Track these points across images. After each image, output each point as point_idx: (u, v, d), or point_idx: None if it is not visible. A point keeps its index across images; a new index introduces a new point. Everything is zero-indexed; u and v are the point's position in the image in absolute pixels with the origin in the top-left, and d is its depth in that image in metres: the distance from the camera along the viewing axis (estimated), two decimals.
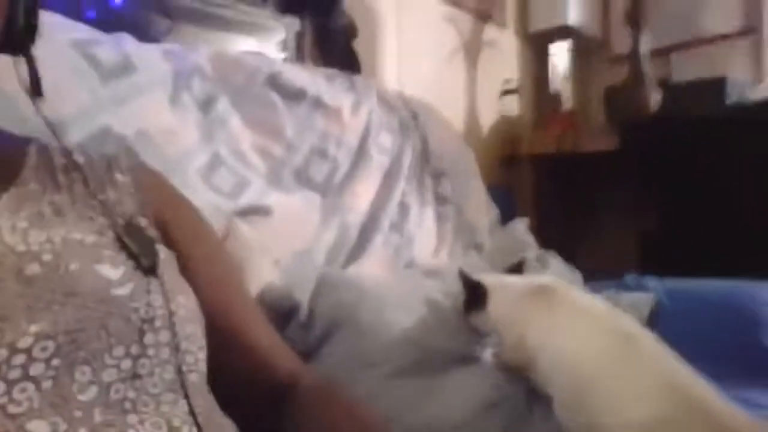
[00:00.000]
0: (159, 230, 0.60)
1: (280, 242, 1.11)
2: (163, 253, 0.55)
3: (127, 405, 0.44)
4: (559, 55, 2.56)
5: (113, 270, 0.47)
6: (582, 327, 0.87)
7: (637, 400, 0.72)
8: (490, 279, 1.06)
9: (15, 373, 0.39)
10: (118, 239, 0.52)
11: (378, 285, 1.11)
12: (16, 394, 0.39)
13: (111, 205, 0.56)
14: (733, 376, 1.03)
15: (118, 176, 0.60)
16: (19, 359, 0.40)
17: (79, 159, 0.59)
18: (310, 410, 0.58)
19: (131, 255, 0.50)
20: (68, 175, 0.56)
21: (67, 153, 0.59)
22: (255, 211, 1.07)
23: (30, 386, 0.40)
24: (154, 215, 0.60)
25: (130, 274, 0.48)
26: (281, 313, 0.98)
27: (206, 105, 1.13)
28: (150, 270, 0.50)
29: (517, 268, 1.16)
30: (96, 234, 0.51)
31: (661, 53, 2.53)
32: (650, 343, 0.81)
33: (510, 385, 0.93)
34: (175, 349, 0.48)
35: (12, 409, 0.39)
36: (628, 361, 0.78)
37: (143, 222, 0.57)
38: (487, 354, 1.03)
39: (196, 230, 0.67)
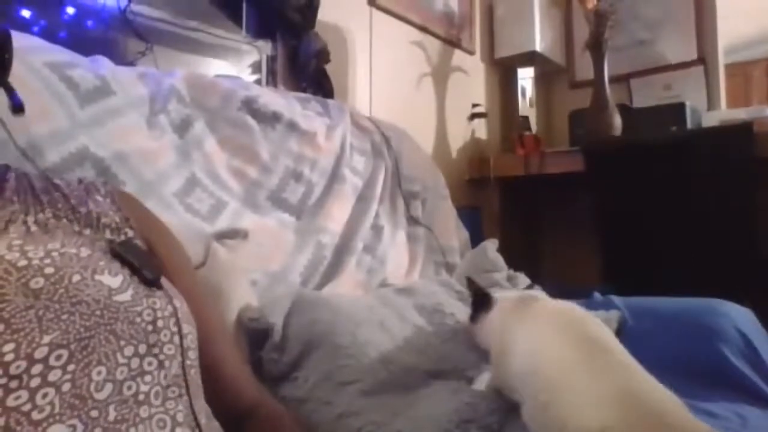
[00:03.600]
0: (144, 243, 0.62)
1: (257, 263, 1.12)
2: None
3: (141, 397, 0.47)
4: (525, 80, 2.64)
5: (113, 279, 0.50)
6: (551, 331, 0.88)
7: (599, 406, 0.72)
8: (498, 292, 1.09)
9: (35, 382, 0.42)
10: (117, 255, 0.54)
11: (351, 304, 1.12)
12: (38, 400, 0.41)
13: (95, 217, 0.58)
14: (696, 389, 1.07)
15: (98, 197, 0.62)
16: (37, 368, 0.42)
17: (58, 181, 0.62)
18: None
19: (133, 269, 0.54)
20: (49, 195, 0.58)
21: (45, 176, 0.61)
22: (232, 234, 1.07)
23: (51, 391, 0.42)
24: (139, 230, 0.62)
25: (129, 281, 0.51)
26: (257, 334, 0.99)
27: (182, 127, 1.14)
28: (153, 282, 0.54)
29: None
30: (87, 247, 0.53)
31: (621, 79, 2.64)
32: (616, 350, 0.82)
33: (484, 403, 0.94)
34: (180, 345, 0.52)
35: (35, 415, 0.41)
36: (592, 367, 0.79)
37: (130, 233, 0.60)
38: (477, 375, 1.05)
39: (174, 255, 0.70)
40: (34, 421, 0.41)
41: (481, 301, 1.07)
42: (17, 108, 0.64)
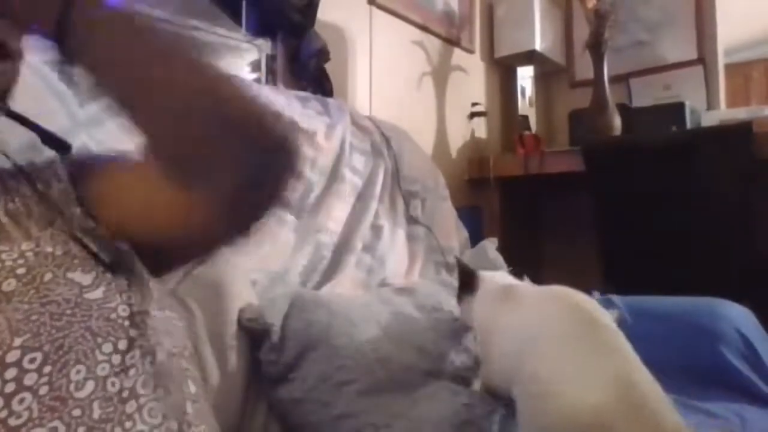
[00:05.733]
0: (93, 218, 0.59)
1: (256, 263, 1.12)
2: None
3: (125, 394, 0.45)
4: (525, 79, 2.64)
5: (85, 276, 0.49)
6: (545, 309, 0.88)
7: (596, 383, 0.73)
8: (483, 272, 1.09)
9: (10, 387, 0.40)
10: (77, 240, 0.53)
11: (349, 304, 1.12)
12: (15, 406, 0.40)
13: (63, 200, 0.56)
14: (696, 389, 1.07)
15: (60, 173, 0.59)
16: (11, 373, 0.41)
17: (22, 162, 0.59)
18: None
19: (91, 254, 0.52)
20: (17, 180, 0.56)
21: (12, 162, 0.58)
22: None
23: (27, 396, 0.40)
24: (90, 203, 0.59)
25: (101, 277, 0.50)
26: (255, 335, 0.99)
27: None
28: (112, 266, 0.52)
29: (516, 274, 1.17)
30: (62, 245, 0.51)
31: (620, 79, 2.64)
32: (611, 330, 0.83)
33: (482, 405, 0.95)
34: (164, 332, 0.51)
35: (12, 421, 0.39)
36: (589, 344, 0.79)
37: (78, 210, 0.56)
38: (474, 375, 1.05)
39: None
40: (11, 427, 0.39)
41: (466, 281, 1.07)
42: (58, 146, 0.62)
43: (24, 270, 0.46)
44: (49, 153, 0.84)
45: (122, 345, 0.47)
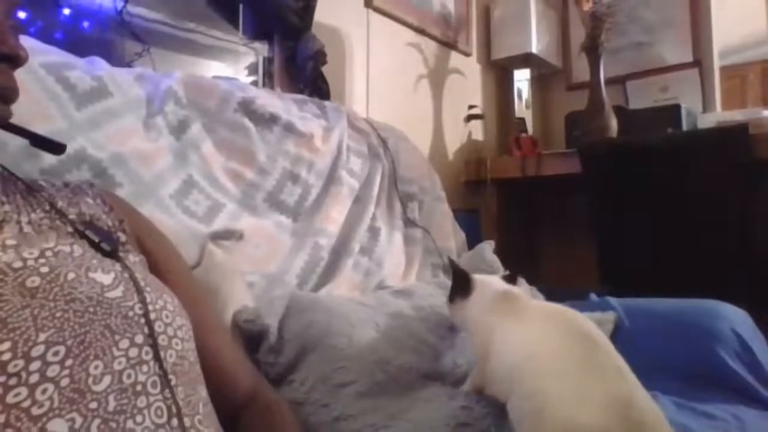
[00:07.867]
0: (138, 244, 0.63)
1: (254, 265, 1.12)
2: (136, 256, 0.60)
3: (139, 387, 0.48)
4: (521, 82, 2.65)
5: (105, 276, 0.51)
6: (545, 325, 0.88)
7: (594, 405, 0.72)
8: (478, 276, 1.08)
9: (34, 378, 0.42)
10: (78, 232, 0.56)
11: (347, 306, 1.12)
12: (38, 395, 0.42)
13: (88, 220, 0.59)
14: (693, 390, 1.07)
15: (88, 200, 0.63)
16: (35, 365, 0.43)
17: (42, 182, 0.63)
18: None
19: (92, 244, 0.55)
20: (36, 196, 0.58)
21: (29, 180, 0.61)
22: (228, 235, 1.07)
23: (50, 386, 0.42)
24: (132, 232, 0.63)
25: (120, 278, 0.52)
26: (252, 336, 0.98)
27: (179, 129, 1.14)
28: (111, 253, 0.56)
29: (510, 279, 1.15)
30: (80, 246, 0.54)
31: (617, 81, 2.65)
32: (611, 351, 0.82)
33: (479, 407, 0.94)
34: (174, 336, 0.53)
35: (35, 410, 0.41)
36: (589, 365, 0.78)
37: (123, 237, 0.60)
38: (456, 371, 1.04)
39: (172, 256, 0.70)
40: (33, 416, 0.41)
41: (460, 283, 1.06)
42: (51, 148, 0.65)
43: (47, 269, 0.48)
44: (49, 159, 0.85)
45: (139, 339, 0.50)
